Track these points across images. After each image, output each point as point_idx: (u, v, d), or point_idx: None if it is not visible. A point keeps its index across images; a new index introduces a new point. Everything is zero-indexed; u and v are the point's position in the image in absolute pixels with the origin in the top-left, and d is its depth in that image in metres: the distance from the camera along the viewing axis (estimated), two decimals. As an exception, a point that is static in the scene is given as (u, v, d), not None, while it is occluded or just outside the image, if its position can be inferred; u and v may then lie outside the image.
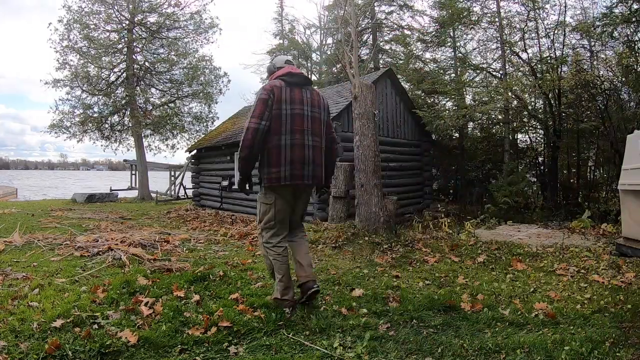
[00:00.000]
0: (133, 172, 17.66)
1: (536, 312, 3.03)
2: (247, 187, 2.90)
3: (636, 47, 8.89)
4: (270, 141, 2.75)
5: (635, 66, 8.61)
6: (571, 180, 11.04)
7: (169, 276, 3.75)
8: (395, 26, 18.01)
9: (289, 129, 2.77)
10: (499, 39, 11.39)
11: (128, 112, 15.63)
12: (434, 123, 9.98)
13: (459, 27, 12.68)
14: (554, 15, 11.21)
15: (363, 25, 17.16)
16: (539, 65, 10.75)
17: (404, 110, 10.42)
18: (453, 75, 13.56)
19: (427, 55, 15.42)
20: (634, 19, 8.48)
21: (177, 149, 16.99)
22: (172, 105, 16.42)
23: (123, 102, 15.41)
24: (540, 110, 11.40)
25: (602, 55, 9.95)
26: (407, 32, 17.30)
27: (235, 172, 5.07)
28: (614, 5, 8.92)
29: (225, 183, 10.72)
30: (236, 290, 3.43)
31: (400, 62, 16.66)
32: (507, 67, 11.35)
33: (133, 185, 17.61)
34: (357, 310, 3.09)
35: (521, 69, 11.51)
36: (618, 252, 3.07)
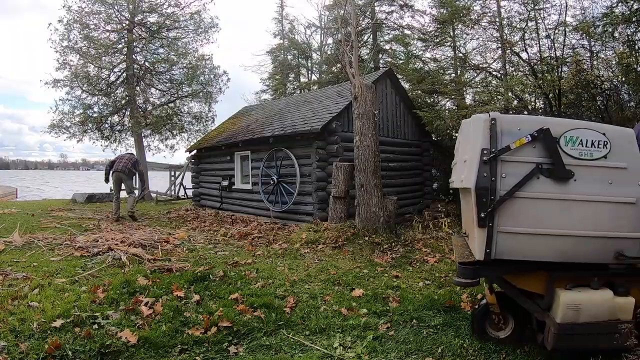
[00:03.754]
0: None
1: (536, 312, 3.03)
2: (105, 178, 8.89)
3: (636, 46, 8.88)
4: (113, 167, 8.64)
5: (635, 66, 8.61)
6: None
7: (169, 276, 3.75)
8: (396, 26, 18.00)
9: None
10: (499, 38, 11.39)
11: (128, 112, 15.62)
12: (434, 123, 9.97)
13: (459, 26, 12.68)
14: (555, 15, 11.20)
15: (363, 25, 17.14)
16: (539, 66, 10.76)
17: (404, 110, 10.42)
18: (453, 75, 13.55)
19: (427, 55, 15.41)
20: (634, 19, 8.48)
21: (177, 149, 16.97)
22: (171, 105, 16.41)
23: (123, 102, 15.40)
24: (540, 110, 11.39)
25: (602, 55, 9.95)
26: (407, 31, 17.30)
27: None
28: (614, 5, 8.92)
29: (225, 183, 10.71)
30: (236, 290, 3.43)
31: (400, 62, 16.66)
32: (507, 67, 11.35)
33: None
34: (357, 310, 3.09)
35: (521, 69, 11.50)
36: None
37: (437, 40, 13.48)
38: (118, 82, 15.43)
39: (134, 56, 15.25)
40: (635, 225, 1.99)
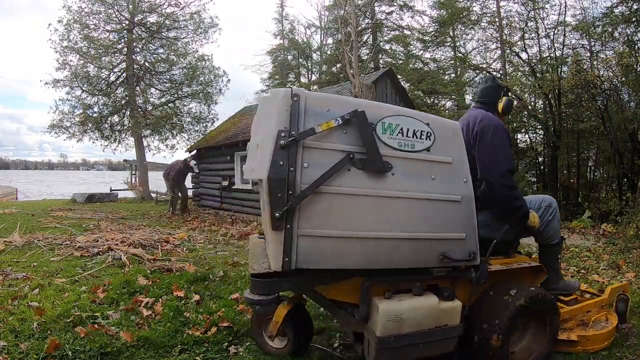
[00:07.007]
0: (133, 172, 17.64)
1: (536, 312, 3.03)
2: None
3: (636, 46, 8.89)
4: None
5: (635, 66, 8.61)
6: (571, 180, 11.04)
7: (169, 276, 3.74)
8: (395, 26, 18.01)
9: None
10: (498, 39, 11.40)
11: (128, 112, 15.61)
12: (434, 123, 9.98)
13: (459, 26, 12.69)
14: (554, 15, 11.23)
15: (363, 25, 17.14)
16: (539, 65, 10.76)
17: (404, 110, 10.42)
18: (453, 75, 13.56)
19: (427, 55, 15.44)
20: (634, 19, 8.48)
21: (177, 149, 16.96)
22: (171, 105, 16.40)
23: (123, 102, 15.39)
24: (540, 110, 11.40)
25: (602, 55, 9.96)
26: (407, 32, 17.32)
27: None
28: (614, 6, 8.93)
29: (225, 183, 10.72)
30: (236, 290, 3.43)
31: (400, 62, 16.67)
32: (507, 67, 11.36)
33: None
34: (357, 310, 3.08)
35: (521, 69, 11.51)
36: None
37: (437, 40, 13.49)
38: (118, 82, 15.42)
39: (133, 56, 15.24)
40: (459, 225, 1.79)
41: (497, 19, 11.41)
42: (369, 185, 1.66)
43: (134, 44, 15.14)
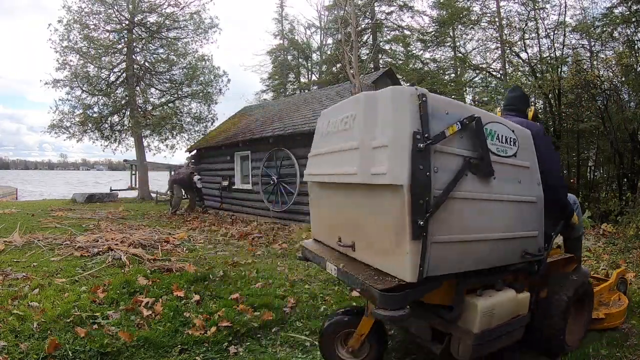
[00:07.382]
0: (133, 172, 17.64)
1: (536, 312, 3.03)
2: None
3: (636, 47, 8.89)
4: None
5: (635, 66, 8.62)
6: (571, 180, 11.04)
7: (169, 276, 3.74)
8: (395, 26, 18.01)
9: None
10: (498, 39, 11.40)
11: (128, 112, 15.61)
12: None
13: (459, 26, 12.69)
14: (554, 15, 11.24)
15: (363, 25, 17.15)
16: (539, 65, 10.76)
17: (404, 110, 10.42)
18: (453, 75, 13.56)
19: (427, 55, 15.44)
20: (634, 19, 8.48)
21: (177, 149, 16.95)
22: (171, 105, 16.39)
23: (123, 102, 15.39)
24: (540, 110, 11.40)
25: (602, 55, 9.97)
26: (407, 32, 17.32)
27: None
28: (614, 6, 8.93)
29: (225, 183, 10.72)
30: (236, 290, 3.43)
31: (400, 62, 16.67)
32: (507, 67, 11.36)
33: (133, 185, 17.58)
34: (357, 310, 3.08)
35: (521, 69, 11.51)
36: (303, 256, 2.46)
37: (437, 40, 13.49)
38: (118, 82, 15.41)
39: (133, 56, 15.23)
40: (534, 224, 1.99)
41: (497, 19, 11.42)
42: (480, 189, 1.73)
43: (134, 44, 15.13)
